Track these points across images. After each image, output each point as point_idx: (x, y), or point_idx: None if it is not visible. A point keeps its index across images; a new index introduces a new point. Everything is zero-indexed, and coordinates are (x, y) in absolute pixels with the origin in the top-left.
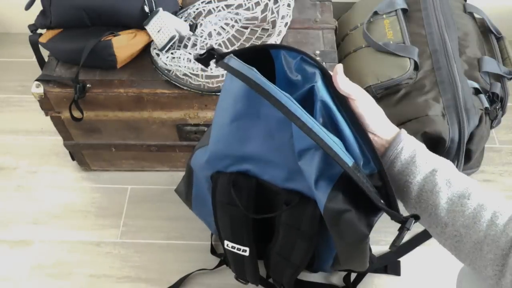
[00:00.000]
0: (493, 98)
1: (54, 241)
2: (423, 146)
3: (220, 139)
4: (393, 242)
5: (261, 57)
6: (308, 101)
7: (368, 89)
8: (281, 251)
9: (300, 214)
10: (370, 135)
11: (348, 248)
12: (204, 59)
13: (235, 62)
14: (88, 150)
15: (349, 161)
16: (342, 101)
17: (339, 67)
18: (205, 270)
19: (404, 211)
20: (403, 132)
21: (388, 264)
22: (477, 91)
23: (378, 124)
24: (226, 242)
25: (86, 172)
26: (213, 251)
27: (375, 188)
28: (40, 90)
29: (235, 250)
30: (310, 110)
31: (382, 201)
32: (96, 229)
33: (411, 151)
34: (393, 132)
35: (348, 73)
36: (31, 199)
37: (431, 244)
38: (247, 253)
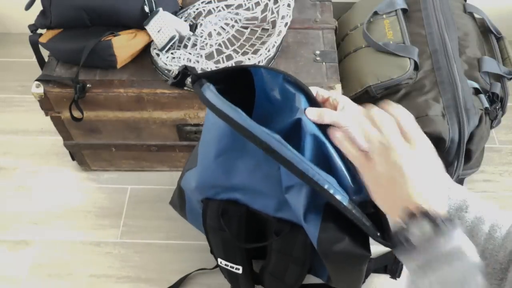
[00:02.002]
0: (493, 98)
1: (54, 241)
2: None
3: (206, 171)
4: (392, 273)
5: (239, 72)
6: (295, 132)
7: (368, 89)
8: (274, 273)
9: (292, 242)
10: None
11: (344, 272)
12: (178, 81)
13: (213, 97)
14: (88, 150)
15: (344, 199)
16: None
17: (310, 110)
18: (205, 270)
19: None
20: None
21: (388, 264)
22: (477, 91)
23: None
24: (219, 260)
25: (86, 172)
26: (213, 251)
27: (368, 215)
28: (40, 90)
29: (228, 268)
30: (297, 142)
31: (378, 234)
32: (96, 229)
33: None
34: None
35: (348, 73)
36: (31, 199)
37: None
38: (240, 271)
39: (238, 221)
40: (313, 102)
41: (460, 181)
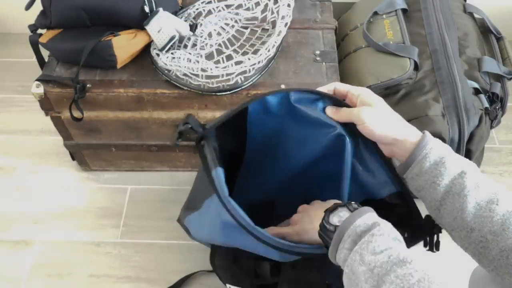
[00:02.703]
0: (493, 98)
1: (54, 241)
2: (450, 148)
3: (212, 235)
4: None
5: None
6: (335, 148)
7: None
8: None
9: (307, 270)
10: (390, 147)
11: None
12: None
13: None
14: (88, 150)
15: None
16: (355, 132)
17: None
18: (205, 270)
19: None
20: (428, 134)
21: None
22: (477, 91)
23: (396, 130)
24: (228, 285)
25: (86, 172)
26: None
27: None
28: (40, 90)
29: None
30: (339, 161)
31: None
32: (96, 229)
33: (440, 152)
34: (418, 134)
35: (348, 73)
36: (31, 199)
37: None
38: None
39: (248, 265)
40: (330, 101)
41: None
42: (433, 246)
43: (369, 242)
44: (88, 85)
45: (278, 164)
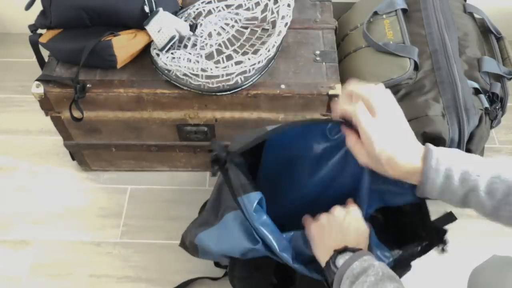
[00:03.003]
0: (493, 98)
1: (54, 241)
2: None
3: (227, 250)
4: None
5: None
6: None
7: None
8: None
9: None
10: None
11: None
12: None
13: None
14: (88, 150)
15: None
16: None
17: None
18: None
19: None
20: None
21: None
22: (477, 91)
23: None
24: None
25: (86, 172)
26: (217, 263)
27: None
28: (40, 90)
29: None
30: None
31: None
32: (96, 229)
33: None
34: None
35: (348, 73)
36: (31, 199)
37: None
38: None
39: (267, 271)
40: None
41: None
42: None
43: (364, 282)
44: (88, 85)
45: (293, 185)
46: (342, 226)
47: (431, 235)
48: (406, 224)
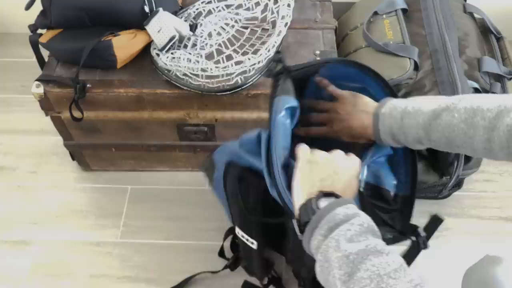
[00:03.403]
0: None
1: (54, 241)
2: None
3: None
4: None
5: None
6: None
7: None
8: (294, 251)
9: None
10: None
11: None
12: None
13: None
14: (88, 150)
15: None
16: None
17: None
18: (208, 270)
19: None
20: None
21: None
22: (477, 91)
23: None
24: (237, 229)
25: (86, 172)
26: (222, 253)
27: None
28: (40, 90)
29: (244, 240)
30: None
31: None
32: (96, 229)
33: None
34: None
35: None
36: (31, 199)
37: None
38: (254, 246)
39: (256, 194)
40: None
41: (460, 181)
42: (420, 246)
43: (348, 230)
44: (88, 85)
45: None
46: (336, 172)
47: (405, 228)
48: (385, 215)
